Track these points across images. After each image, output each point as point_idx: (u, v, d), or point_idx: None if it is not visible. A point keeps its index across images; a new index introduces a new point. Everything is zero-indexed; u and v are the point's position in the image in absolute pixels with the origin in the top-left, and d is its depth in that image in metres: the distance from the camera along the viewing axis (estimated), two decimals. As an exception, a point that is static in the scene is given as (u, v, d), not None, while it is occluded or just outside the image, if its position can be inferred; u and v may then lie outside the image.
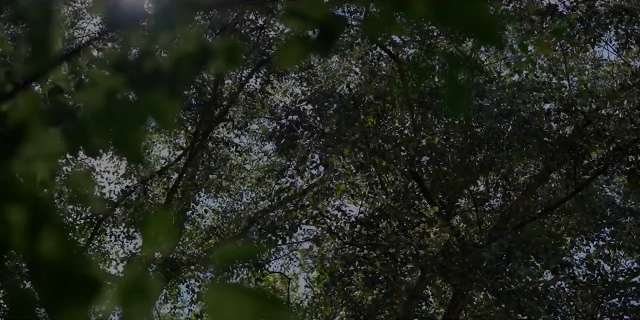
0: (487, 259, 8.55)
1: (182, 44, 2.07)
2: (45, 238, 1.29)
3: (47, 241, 1.29)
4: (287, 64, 1.84)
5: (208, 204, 16.89)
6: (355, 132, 10.87)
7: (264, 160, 17.13)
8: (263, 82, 15.62)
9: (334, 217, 10.67)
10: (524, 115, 10.62)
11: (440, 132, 11.38)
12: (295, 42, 1.86)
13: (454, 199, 11.28)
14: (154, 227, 1.58)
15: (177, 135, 16.42)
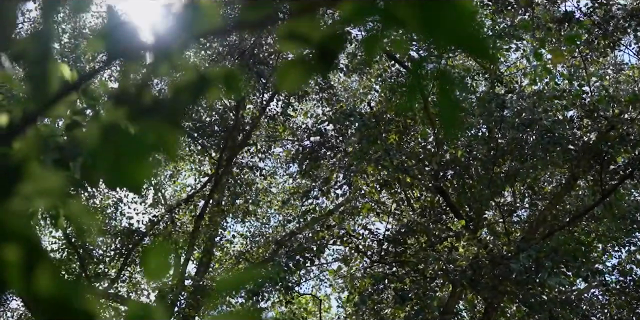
0: (516, 270, 8.48)
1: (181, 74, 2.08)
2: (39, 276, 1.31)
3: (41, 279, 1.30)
4: (288, 87, 1.84)
5: (236, 229, 16.96)
6: (378, 150, 10.85)
7: (289, 183, 17.15)
8: (284, 105, 15.67)
9: (361, 236, 10.65)
10: (546, 123, 10.55)
11: (463, 145, 11.32)
12: (294, 64, 1.86)
13: (480, 211, 11.21)
14: (153, 259, 1.59)
15: (201, 163, 16.49)
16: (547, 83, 12.27)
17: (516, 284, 8.75)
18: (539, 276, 8.57)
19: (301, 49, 1.80)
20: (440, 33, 1.57)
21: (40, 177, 1.75)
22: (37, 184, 1.74)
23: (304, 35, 1.78)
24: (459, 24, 1.55)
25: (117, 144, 1.89)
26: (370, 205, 11.67)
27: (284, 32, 1.78)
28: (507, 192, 12.01)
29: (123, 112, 1.99)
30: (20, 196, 1.70)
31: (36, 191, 1.72)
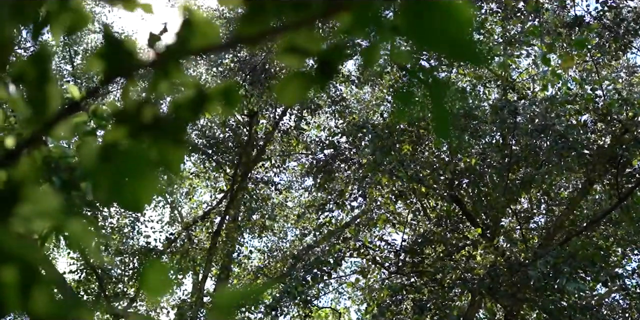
0: (534, 277, 8.42)
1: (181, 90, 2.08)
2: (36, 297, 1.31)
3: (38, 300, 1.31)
4: (287, 100, 1.84)
5: (253, 245, 16.95)
6: (392, 161, 10.84)
7: (305, 197, 17.15)
8: (297, 119, 15.70)
9: (377, 248, 10.61)
10: (559, 129, 10.51)
11: (477, 153, 11.29)
12: (293, 77, 1.86)
13: (497, 219, 11.16)
14: (153, 275, 1.59)
15: (217, 179, 16.53)
16: (560, 88, 12.23)
17: (535, 291, 8.69)
18: (557, 282, 8.51)
19: (300, 62, 1.80)
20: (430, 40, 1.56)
21: (39, 198, 1.75)
22: (36, 205, 1.74)
23: (303, 47, 1.78)
24: (449, 30, 1.54)
25: (115, 162, 1.89)
26: (385, 217, 11.64)
27: (283, 46, 1.78)
28: (524, 198, 11.95)
29: (123, 130, 1.99)
30: (20, 217, 1.70)
31: (35, 212, 1.73)
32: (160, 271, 1.62)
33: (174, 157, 2.09)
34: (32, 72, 2.03)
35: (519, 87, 13.18)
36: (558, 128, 10.59)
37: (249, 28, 1.82)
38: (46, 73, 2.03)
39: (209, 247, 14.59)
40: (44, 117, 1.98)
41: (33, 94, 2.02)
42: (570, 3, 13.68)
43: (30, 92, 2.02)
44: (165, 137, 2.06)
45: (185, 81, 2.09)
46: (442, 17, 1.52)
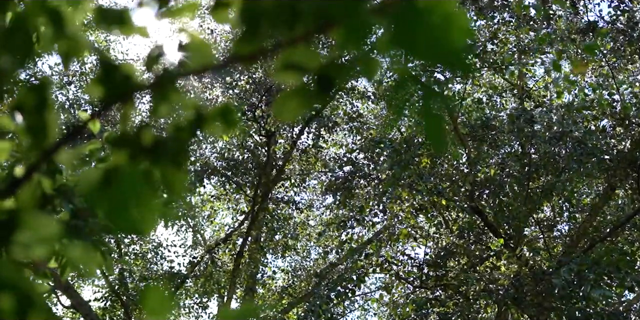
0: (559, 285, 8.34)
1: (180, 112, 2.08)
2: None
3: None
4: (287, 117, 1.84)
5: (277, 265, 16.94)
6: (411, 175, 10.81)
7: (326, 214, 17.12)
8: (315, 137, 15.72)
9: (400, 262, 10.56)
10: (577, 135, 10.45)
11: (496, 163, 11.24)
12: (292, 94, 1.86)
13: (519, 228, 11.08)
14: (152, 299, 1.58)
15: (237, 201, 16.55)
16: (576, 95, 12.17)
17: (560, 299, 8.60)
18: (582, 289, 8.42)
19: (299, 78, 1.79)
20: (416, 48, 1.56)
21: (38, 225, 1.75)
22: (35, 232, 1.74)
23: (301, 64, 1.78)
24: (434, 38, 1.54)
25: (112, 186, 1.88)
26: (407, 231, 11.58)
27: (280, 63, 1.78)
28: (546, 207, 11.88)
29: (123, 154, 1.99)
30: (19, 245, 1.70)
31: (34, 239, 1.73)
32: (159, 294, 1.61)
33: (175, 179, 2.09)
34: (30, 100, 2.03)
35: (535, 96, 13.14)
36: (576, 134, 10.54)
37: (245, 47, 1.82)
38: (45, 101, 2.04)
39: (232, 269, 14.58)
40: (44, 145, 1.98)
41: (32, 122, 2.03)
42: (582, 9, 13.65)
43: (29, 120, 2.03)
44: (166, 160, 2.06)
45: (184, 102, 2.10)
46: (429, 25, 1.51)
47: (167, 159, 2.02)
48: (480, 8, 12.82)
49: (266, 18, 1.77)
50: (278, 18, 1.76)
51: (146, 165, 2.03)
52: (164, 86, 2.07)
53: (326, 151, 16.43)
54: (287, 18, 1.73)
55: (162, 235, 17.54)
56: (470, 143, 12.37)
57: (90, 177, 1.92)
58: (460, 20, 1.56)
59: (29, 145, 2.04)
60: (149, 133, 2.04)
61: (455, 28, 1.55)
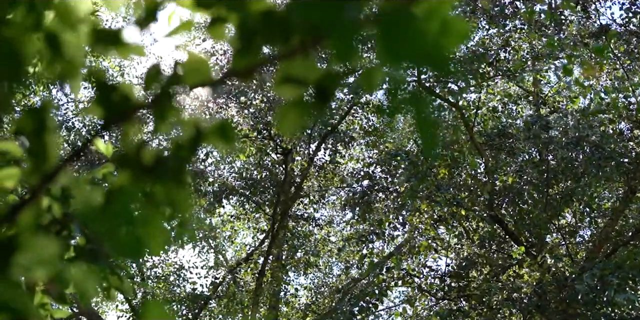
0: (582, 290, 8.25)
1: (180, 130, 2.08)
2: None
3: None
4: (288, 129, 1.83)
5: (299, 282, 16.85)
6: (429, 186, 10.76)
7: (347, 230, 17.06)
8: (332, 152, 15.71)
9: (421, 275, 10.51)
10: (594, 139, 10.38)
11: (513, 171, 11.17)
12: (291, 106, 1.85)
13: (541, 236, 11.00)
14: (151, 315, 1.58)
15: (257, 220, 16.54)
16: (592, 99, 12.09)
17: (584, 305, 8.51)
18: (606, 294, 8.33)
19: (298, 91, 1.79)
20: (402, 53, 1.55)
21: (37, 247, 1.75)
22: (34, 254, 1.73)
23: (300, 77, 1.78)
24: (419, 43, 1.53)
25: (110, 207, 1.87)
26: (427, 243, 11.53)
27: (279, 76, 1.78)
28: (567, 213, 11.78)
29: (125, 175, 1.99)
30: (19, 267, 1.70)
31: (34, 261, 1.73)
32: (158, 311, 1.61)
33: (179, 197, 2.08)
34: (30, 124, 2.03)
35: (550, 102, 13.08)
36: (593, 139, 10.46)
37: (242, 62, 1.83)
38: (44, 124, 2.04)
39: (254, 288, 14.54)
40: (45, 168, 1.98)
41: (32, 146, 2.02)
42: (594, 13, 13.62)
43: (30, 144, 2.02)
44: (168, 178, 2.05)
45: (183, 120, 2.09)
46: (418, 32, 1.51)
47: (169, 177, 2.02)
48: (492, 16, 12.82)
49: (261, 32, 1.77)
50: (272, 32, 1.76)
51: (149, 185, 2.02)
52: (163, 104, 2.07)
53: (344, 166, 16.40)
54: (281, 32, 1.73)
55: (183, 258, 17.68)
56: (487, 152, 12.32)
57: (87, 198, 1.91)
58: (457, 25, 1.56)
59: (30, 169, 2.04)
60: (150, 152, 2.03)
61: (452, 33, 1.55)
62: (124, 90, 2.05)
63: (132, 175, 1.96)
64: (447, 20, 1.51)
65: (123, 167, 1.97)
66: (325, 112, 1.84)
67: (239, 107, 15.67)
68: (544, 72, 13.11)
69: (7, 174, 2.12)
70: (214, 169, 16.27)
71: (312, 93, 1.78)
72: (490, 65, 12.90)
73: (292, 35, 1.69)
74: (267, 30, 1.75)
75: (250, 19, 1.75)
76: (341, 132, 15.54)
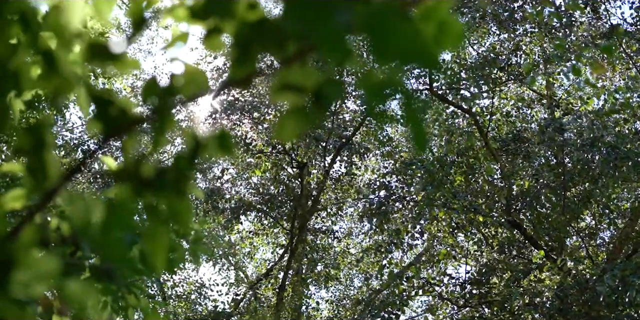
0: (603, 292, 8.16)
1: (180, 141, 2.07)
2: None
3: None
4: (287, 137, 1.82)
5: (321, 296, 16.78)
6: (445, 194, 10.71)
7: (366, 241, 17.00)
8: (347, 164, 15.69)
9: (441, 283, 10.44)
10: (610, 140, 10.30)
11: (529, 175, 11.10)
12: (290, 114, 1.84)
13: (560, 239, 10.90)
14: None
15: (276, 235, 16.51)
16: (606, 99, 12.02)
17: (607, 307, 8.41)
18: (627, 295, 8.23)
19: (297, 99, 1.78)
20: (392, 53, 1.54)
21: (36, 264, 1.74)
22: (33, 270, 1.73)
23: (298, 84, 1.77)
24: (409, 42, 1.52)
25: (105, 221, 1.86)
26: (446, 251, 11.47)
27: (277, 83, 1.77)
28: (586, 215, 11.69)
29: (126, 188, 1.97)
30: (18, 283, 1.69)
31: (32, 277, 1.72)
32: None
33: (181, 209, 2.07)
34: (28, 141, 2.03)
35: (563, 104, 13.03)
36: (608, 139, 10.38)
37: (240, 71, 1.82)
38: (42, 142, 2.03)
39: (276, 303, 14.51)
40: (45, 186, 1.97)
41: (31, 164, 2.02)
42: (604, 13, 13.58)
43: (28, 161, 2.02)
44: (168, 190, 2.04)
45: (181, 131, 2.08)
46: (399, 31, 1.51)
47: (170, 189, 2.00)
48: (501, 21, 12.80)
49: (257, 40, 1.76)
50: (268, 39, 1.75)
51: (150, 198, 2.01)
52: (161, 117, 2.06)
53: (360, 177, 16.35)
54: (277, 39, 1.72)
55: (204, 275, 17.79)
56: (503, 157, 12.27)
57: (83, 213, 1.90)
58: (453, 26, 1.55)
59: (30, 187, 2.03)
60: (150, 164, 2.02)
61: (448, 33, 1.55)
62: (122, 104, 2.04)
63: (132, 189, 1.95)
64: (443, 21, 1.52)
65: (123, 180, 1.96)
66: (325, 119, 1.83)
67: (253, 123, 15.69)
68: (556, 75, 13.07)
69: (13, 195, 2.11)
70: (231, 185, 16.27)
71: (311, 100, 1.77)
72: (502, 70, 12.87)
73: (288, 43, 1.68)
74: (262, 38, 1.74)
75: (246, 28, 1.74)
76: (356, 144, 15.52)
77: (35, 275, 1.72)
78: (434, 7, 1.51)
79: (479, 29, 13.83)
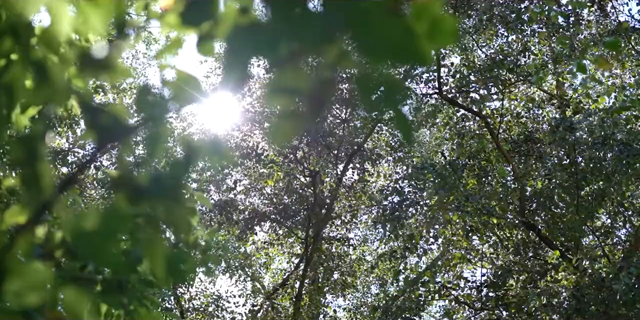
0: (620, 290, 8.09)
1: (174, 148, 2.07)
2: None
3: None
4: (280, 139, 1.81)
5: (338, 304, 16.72)
6: (458, 197, 10.67)
7: (382, 248, 16.93)
8: (360, 171, 15.67)
9: (458, 287, 10.38)
10: (621, 137, 10.22)
11: (541, 175, 11.03)
12: (285, 117, 1.83)
13: (576, 239, 10.82)
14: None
15: (292, 245, 16.49)
16: (616, 97, 11.95)
17: (624, 305, 8.33)
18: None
19: (291, 101, 1.77)
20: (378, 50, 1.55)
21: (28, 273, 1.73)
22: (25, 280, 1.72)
23: (291, 86, 1.76)
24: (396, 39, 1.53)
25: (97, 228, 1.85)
26: (460, 254, 11.41)
27: (271, 86, 1.77)
28: (601, 214, 11.60)
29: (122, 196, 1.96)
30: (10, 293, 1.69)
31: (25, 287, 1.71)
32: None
33: (177, 215, 2.06)
34: (20, 153, 2.01)
35: (574, 102, 12.97)
36: (620, 137, 10.31)
37: (232, 76, 1.81)
38: (35, 153, 2.02)
39: (293, 313, 14.47)
40: (40, 197, 1.95)
41: (25, 175, 2.00)
42: (612, 11, 13.55)
43: (22, 173, 2.01)
44: (164, 198, 2.03)
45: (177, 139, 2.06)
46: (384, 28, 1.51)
47: (165, 197, 1.99)
48: (508, 22, 12.77)
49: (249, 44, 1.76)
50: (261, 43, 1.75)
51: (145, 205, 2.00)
52: (154, 124, 2.05)
53: (373, 184, 16.32)
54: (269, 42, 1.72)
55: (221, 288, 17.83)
56: (515, 159, 12.21)
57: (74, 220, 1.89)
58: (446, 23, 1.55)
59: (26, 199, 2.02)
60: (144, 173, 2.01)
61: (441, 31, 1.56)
62: (114, 112, 2.03)
63: (127, 197, 1.94)
64: (437, 18, 1.52)
65: (118, 189, 1.95)
66: (318, 121, 1.83)
67: (264, 133, 15.70)
68: (565, 74, 13.02)
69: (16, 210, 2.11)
70: (244, 196, 16.26)
71: (305, 102, 1.76)
72: (511, 71, 12.83)
73: (280, 46, 1.68)
74: (255, 42, 1.73)
75: (238, 32, 1.74)
76: (368, 150, 15.51)
77: (28, 285, 1.71)
78: (427, 5, 1.50)
79: (487, 31, 13.80)
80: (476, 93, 13.73)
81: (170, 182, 2.00)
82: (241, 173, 16.08)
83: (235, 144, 15.37)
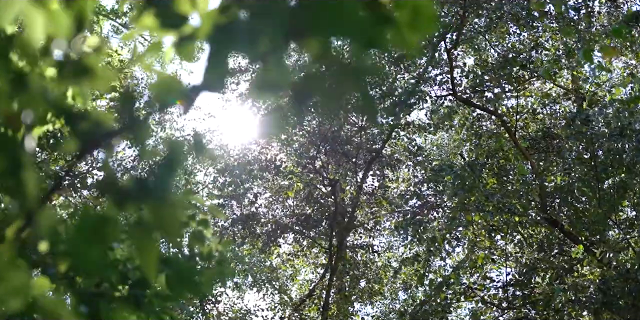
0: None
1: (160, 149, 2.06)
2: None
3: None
4: (272, 134, 1.80)
5: (366, 312, 16.63)
6: (478, 197, 10.58)
7: (407, 253, 16.83)
8: (379, 178, 15.62)
9: (483, 287, 10.28)
10: (638, 127, 10.10)
11: (560, 170, 10.93)
12: (273, 112, 1.83)
13: (600, 232, 10.69)
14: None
15: (316, 255, 16.44)
16: (632, 87, 11.83)
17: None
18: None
19: (275, 96, 1.77)
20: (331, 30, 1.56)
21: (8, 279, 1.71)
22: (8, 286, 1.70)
23: (275, 81, 1.75)
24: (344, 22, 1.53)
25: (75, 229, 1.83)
26: (483, 254, 11.31)
27: (254, 82, 1.76)
28: (626, 207, 11.45)
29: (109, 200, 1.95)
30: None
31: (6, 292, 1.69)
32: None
33: (166, 217, 2.04)
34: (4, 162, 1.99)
35: (589, 95, 12.88)
36: (638, 126, 10.19)
37: (214, 75, 1.80)
38: (18, 162, 1.99)
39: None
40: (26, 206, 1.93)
41: (9, 184, 1.98)
42: (623, 1, 13.47)
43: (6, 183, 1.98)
44: (151, 200, 2.01)
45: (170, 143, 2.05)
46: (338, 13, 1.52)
47: (151, 199, 1.97)
48: (518, 19, 12.71)
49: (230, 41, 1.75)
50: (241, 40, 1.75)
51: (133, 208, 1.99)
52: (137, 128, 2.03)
53: (394, 190, 16.24)
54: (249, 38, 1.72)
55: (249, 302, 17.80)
56: (535, 156, 12.12)
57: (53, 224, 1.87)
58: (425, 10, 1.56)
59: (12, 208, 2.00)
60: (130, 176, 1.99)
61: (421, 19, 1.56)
62: (96, 118, 2.01)
63: (112, 200, 1.92)
64: (417, 5, 1.53)
65: (104, 192, 1.93)
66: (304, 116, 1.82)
67: (281, 145, 15.69)
68: (579, 67, 12.94)
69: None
70: (266, 210, 16.23)
71: (291, 97, 1.76)
72: (524, 68, 12.75)
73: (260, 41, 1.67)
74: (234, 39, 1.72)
75: (218, 31, 1.72)
76: (386, 156, 15.46)
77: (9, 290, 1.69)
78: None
79: (497, 30, 13.73)
80: (490, 92, 13.65)
81: (155, 182, 1.97)
82: (261, 186, 16.06)
83: (253, 157, 15.37)
